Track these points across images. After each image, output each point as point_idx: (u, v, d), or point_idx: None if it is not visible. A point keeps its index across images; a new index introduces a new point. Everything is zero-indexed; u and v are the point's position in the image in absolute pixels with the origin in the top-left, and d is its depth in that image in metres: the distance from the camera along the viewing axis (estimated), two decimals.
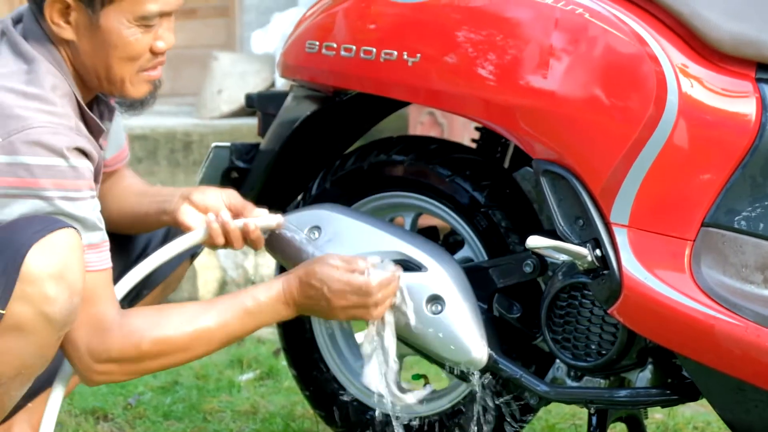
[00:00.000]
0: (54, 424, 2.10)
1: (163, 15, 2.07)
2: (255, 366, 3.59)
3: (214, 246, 2.27)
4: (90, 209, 2.00)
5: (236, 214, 2.29)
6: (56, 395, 2.11)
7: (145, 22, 2.04)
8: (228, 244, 2.26)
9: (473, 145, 2.71)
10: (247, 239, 2.28)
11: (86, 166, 2.00)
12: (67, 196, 1.96)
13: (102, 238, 2.04)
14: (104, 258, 2.04)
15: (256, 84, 5.73)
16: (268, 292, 2.17)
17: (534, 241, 2.20)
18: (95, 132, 2.11)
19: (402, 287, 2.26)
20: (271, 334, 4.11)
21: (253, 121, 5.49)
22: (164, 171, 4.94)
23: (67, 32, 2.04)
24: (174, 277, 2.49)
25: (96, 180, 2.06)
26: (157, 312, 2.14)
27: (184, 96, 6.08)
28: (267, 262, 4.45)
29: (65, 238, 1.92)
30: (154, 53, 2.08)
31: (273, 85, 5.78)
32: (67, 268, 1.91)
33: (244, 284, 4.53)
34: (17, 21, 2.11)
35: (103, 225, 2.05)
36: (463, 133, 4.89)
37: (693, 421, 3.14)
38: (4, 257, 1.89)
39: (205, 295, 4.34)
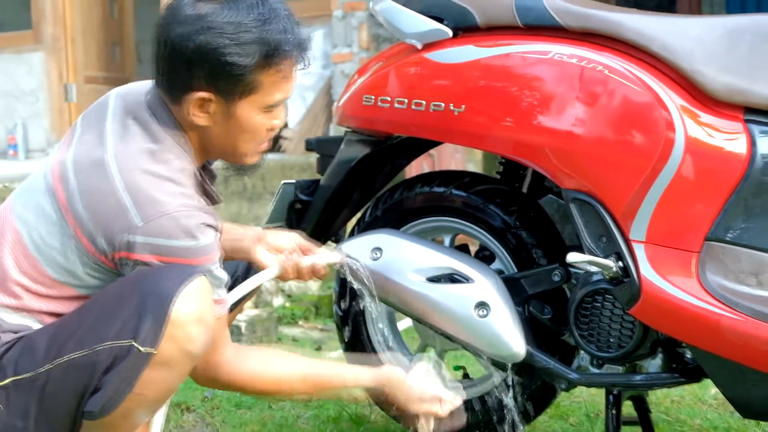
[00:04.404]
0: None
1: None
2: None
3: (284, 279, 2.37)
4: (222, 273, 2.04)
5: (303, 253, 2.37)
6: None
7: (271, 108, 2.06)
8: (298, 278, 2.36)
9: (497, 176, 2.81)
10: (315, 274, 2.37)
11: (214, 239, 2.01)
12: (205, 270, 1.99)
13: (225, 293, 2.08)
14: (225, 308, 2.10)
15: None
16: (361, 378, 2.26)
17: (573, 257, 2.30)
18: (212, 200, 2.13)
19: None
20: (318, 332, 4.16)
21: None
22: None
23: (202, 120, 2.03)
24: (246, 299, 2.56)
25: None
26: (267, 355, 2.22)
27: None
28: None
29: (200, 286, 1.95)
30: (270, 130, 2.10)
31: None
32: (204, 312, 1.95)
33: (276, 292, 4.60)
34: (135, 98, 2.07)
35: (228, 283, 2.10)
36: (450, 161, 5.01)
37: (670, 395, 3.26)
38: (152, 305, 1.91)
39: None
